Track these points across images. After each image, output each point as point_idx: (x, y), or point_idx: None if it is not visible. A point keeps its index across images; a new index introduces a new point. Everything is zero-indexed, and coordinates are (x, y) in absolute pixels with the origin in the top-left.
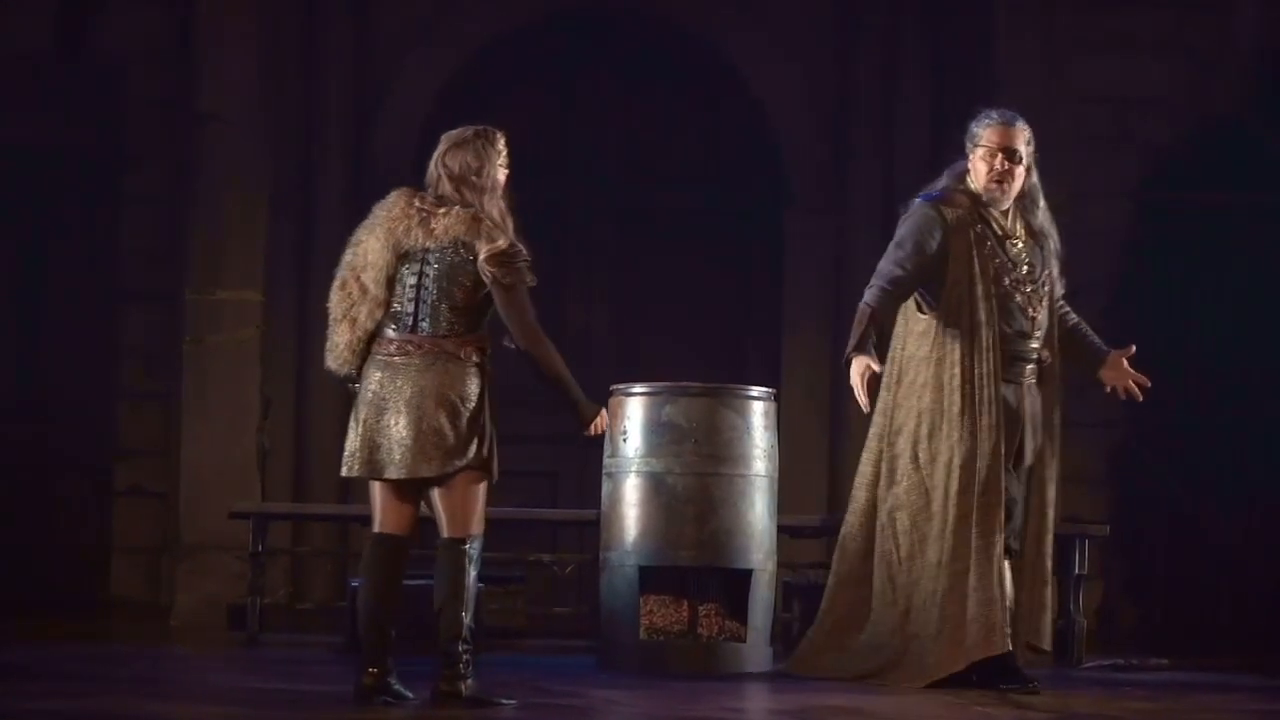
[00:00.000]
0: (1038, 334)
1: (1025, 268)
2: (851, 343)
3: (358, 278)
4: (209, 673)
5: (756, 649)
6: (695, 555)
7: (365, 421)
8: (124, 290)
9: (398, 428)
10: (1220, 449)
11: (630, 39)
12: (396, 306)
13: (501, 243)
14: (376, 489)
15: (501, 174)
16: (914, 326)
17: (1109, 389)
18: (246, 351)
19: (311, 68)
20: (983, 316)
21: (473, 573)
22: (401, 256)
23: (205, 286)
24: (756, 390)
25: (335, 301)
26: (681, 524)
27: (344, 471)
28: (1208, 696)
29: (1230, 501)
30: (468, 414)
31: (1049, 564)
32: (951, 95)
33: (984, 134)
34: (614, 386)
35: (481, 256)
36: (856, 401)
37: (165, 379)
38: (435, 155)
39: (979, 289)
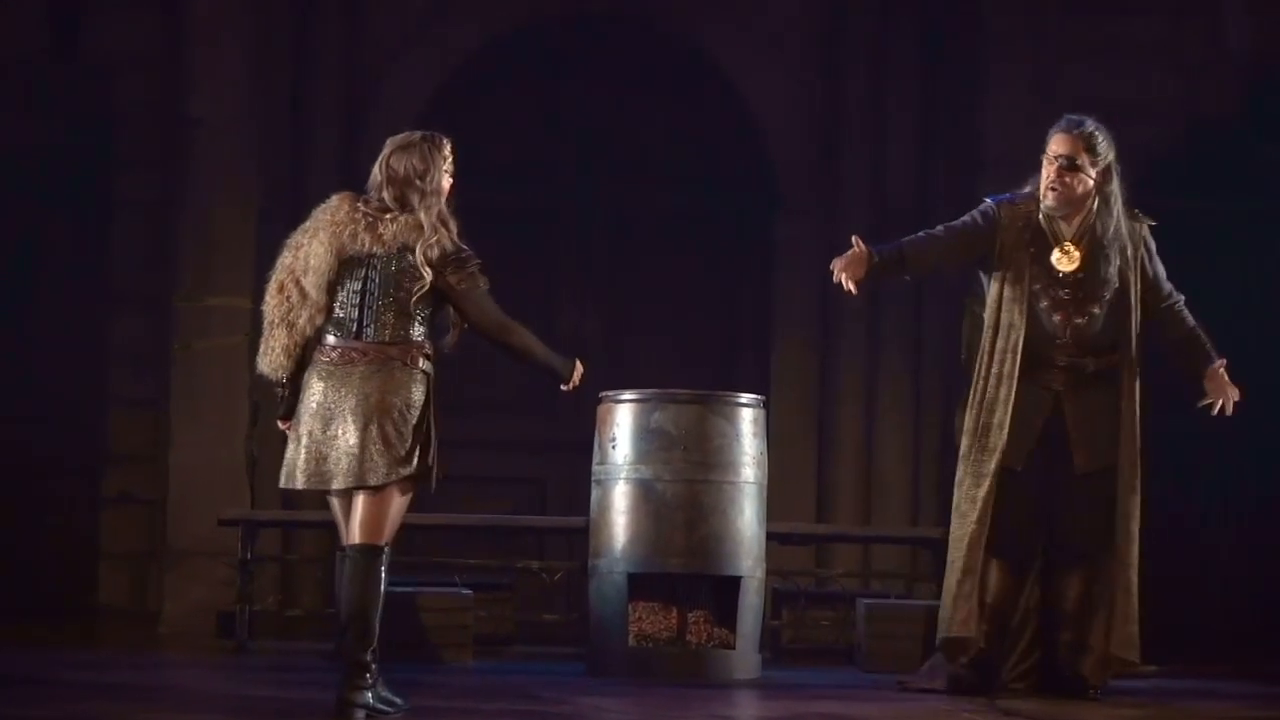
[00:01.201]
0: (1072, 341)
1: (1069, 276)
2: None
3: (297, 281)
4: (197, 680)
5: (745, 656)
6: (684, 562)
7: (311, 433)
8: (113, 295)
9: (345, 437)
10: (1211, 454)
11: (619, 44)
12: (339, 312)
13: (449, 248)
14: (334, 503)
15: (447, 180)
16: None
17: (1210, 402)
18: (236, 358)
19: (301, 73)
20: (1014, 319)
21: (384, 582)
22: (346, 262)
23: (195, 292)
24: (746, 397)
25: (272, 305)
26: (670, 531)
27: (283, 484)
28: (1195, 703)
29: (1218, 507)
30: (412, 421)
31: (1131, 575)
32: (941, 99)
33: (1048, 141)
34: (603, 393)
35: (429, 263)
36: (846, 409)
37: (154, 385)
38: (380, 158)
39: (1012, 291)
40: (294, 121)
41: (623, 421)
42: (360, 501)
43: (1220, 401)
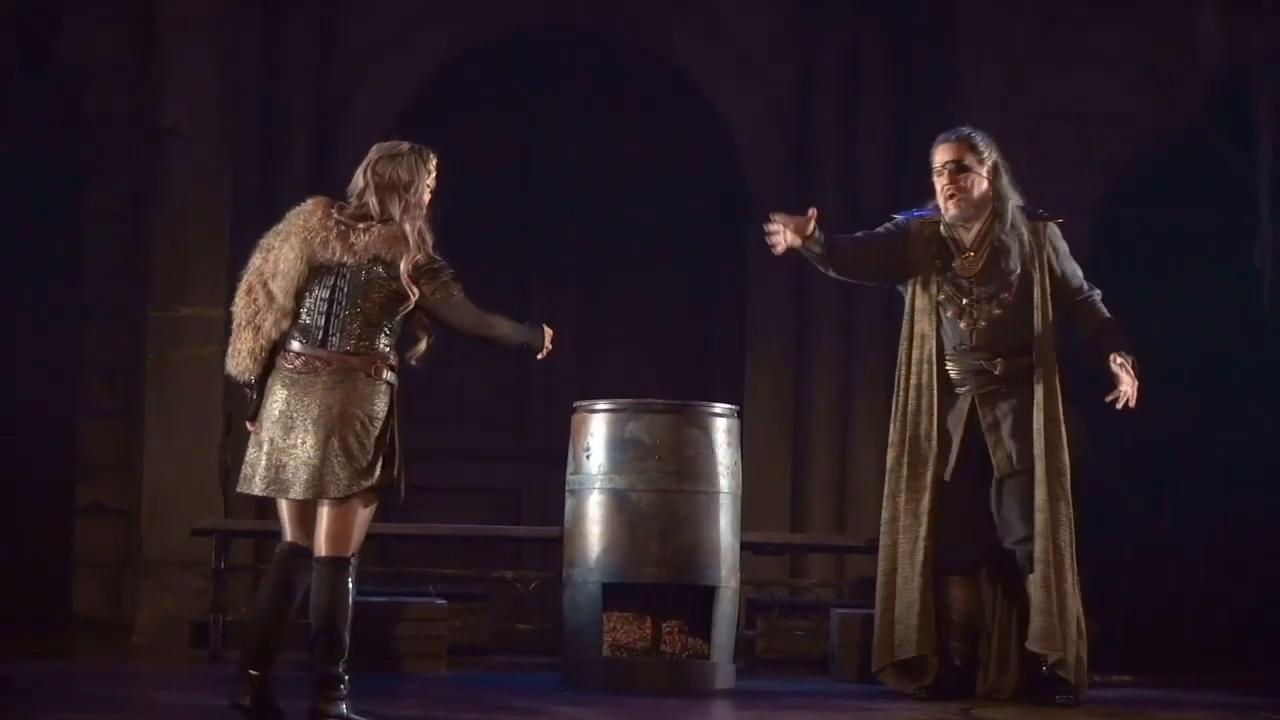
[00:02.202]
0: (979, 345)
1: (967, 282)
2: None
3: (265, 284)
4: (171, 690)
5: (720, 666)
6: (659, 572)
7: (272, 439)
8: (86, 306)
9: (304, 447)
10: (1182, 465)
11: (593, 56)
12: (305, 319)
13: (422, 258)
14: (283, 504)
15: (427, 195)
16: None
17: (1114, 396)
18: (209, 368)
19: (274, 83)
20: (926, 329)
21: (352, 594)
22: (315, 269)
23: (168, 303)
24: (720, 407)
25: (240, 307)
26: (645, 541)
27: (241, 487)
28: (1169, 713)
29: (1193, 517)
30: (375, 433)
31: (1049, 571)
32: (913, 112)
33: (933, 155)
34: (577, 403)
35: (405, 274)
36: (820, 419)
37: (127, 395)
38: (365, 163)
39: (922, 301)
40: (266, 132)
41: (597, 431)
42: (325, 514)
43: (1122, 393)
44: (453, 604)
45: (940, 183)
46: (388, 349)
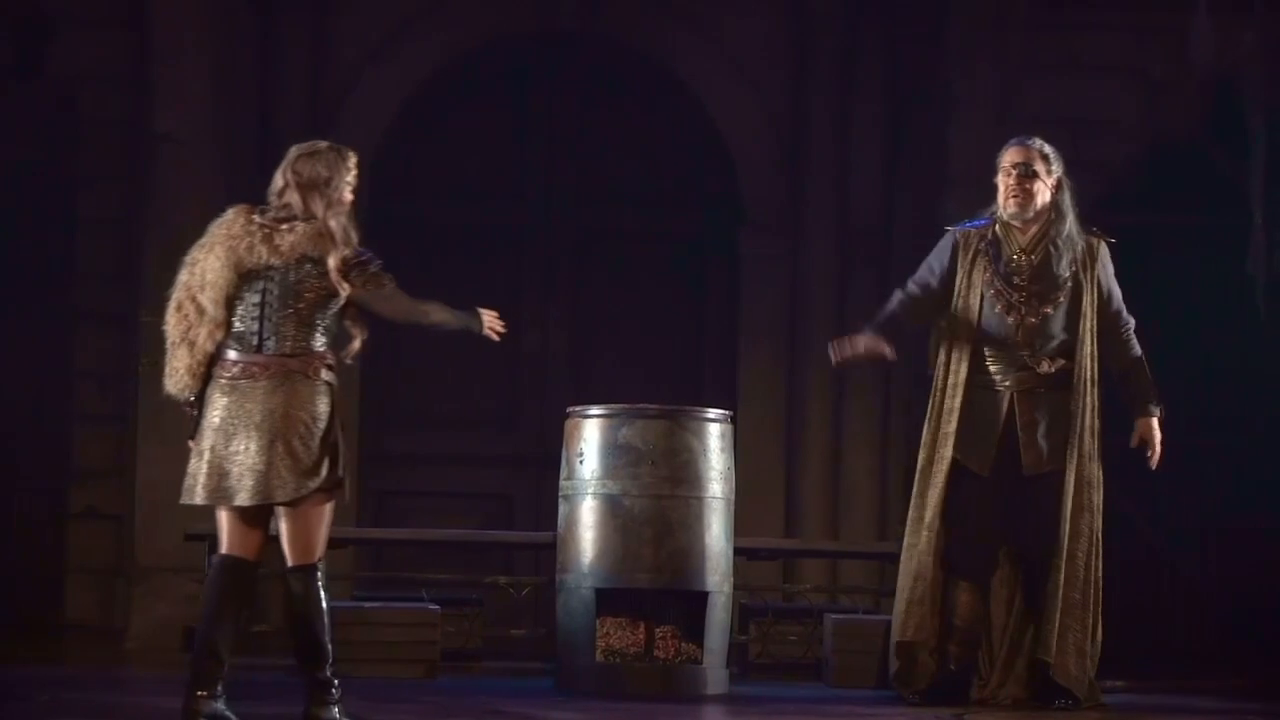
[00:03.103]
0: (1024, 341)
1: (1018, 278)
2: (876, 321)
3: (194, 298)
4: (164, 696)
5: (713, 671)
6: (652, 577)
7: (214, 449)
8: (79, 311)
9: (248, 453)
10: (1175, 471)
11: (585, 62)
12: (239, 326)
13: (349, 253)
14: (223, 514)
15: (349, 192)
16: None
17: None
18: None
19: (266, 89)
20: (964, 329)
21: (326, 599)
22: (243, 275)
23: (161, 308)
24: (713, 412)
25: (172, 324)
26: (638, 546)
27: (184, 499)
28: (1163, 718)
29: (1185, 523)
30: (319, 434)
31: (1057, 578)
32: (906, 117)
33: (1001, 156)
34: (570, 408)
35: (334, 270)
36: (813, 425)
37: (120, 401)
38: (283, 163)
39: (965, 302)
40: (259, 137)
41: (590, 437)
42: (284, 524)
43: (1151, 458)
44: (446, 609)
45: (1006, 182)
46: (324, 348)
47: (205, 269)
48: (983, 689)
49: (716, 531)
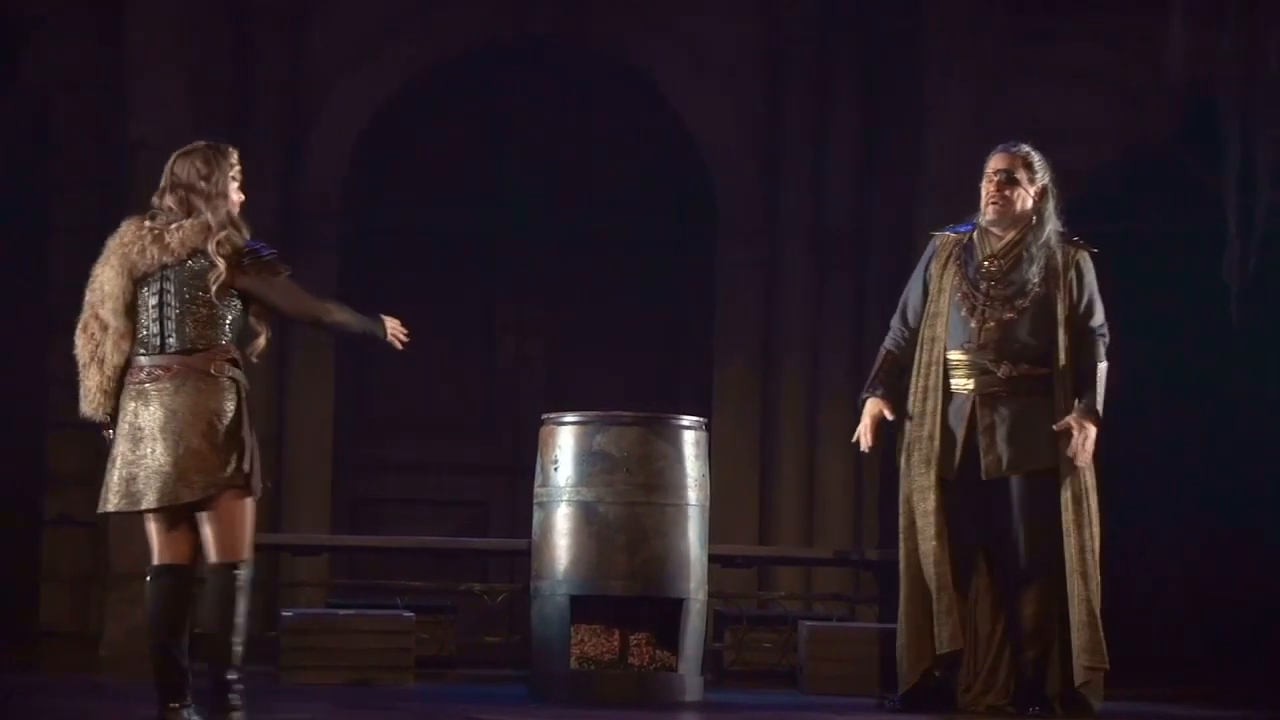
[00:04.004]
0: (986, 345)
1: (986, 284)
2: (866, 382)
3: (96, 315)
4: (138, 703)
5: (687, 678)
6: (626, 585)
7: (123, 454)
8: (52, 318)
9: (154, 455)
10: (1152, 480)
11: (562, 68)
12: (142, 332)
13: (241, 243)
14: (150, 521)
15: (234, 189)
16: None
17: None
18: None
19: (242, 95)
20: (938, 332)
21: (243, 601)
22: (139, 280)
23: None
24: (688, 419)
25: (80, 346)
26: (613, 553)
27: (99, 508)
28: None
29: (1163, 532)
30: (224, 431)
31: (1076, 582)
32: (882, 125)
33: (987, 162)
34: (545, 415)
35: (223, 256)
36: (788, 432)
37: None
38: (165, 168)
39: (937, 305)
40: (235, 145)
41: (565, 444)
42: (206, 525)
43: (1070, 449)
44: (420, 616)
45: (987, 188)
46: (227, 344)
47: (103, 282)
48: (965, 695)
49: (691, 538)
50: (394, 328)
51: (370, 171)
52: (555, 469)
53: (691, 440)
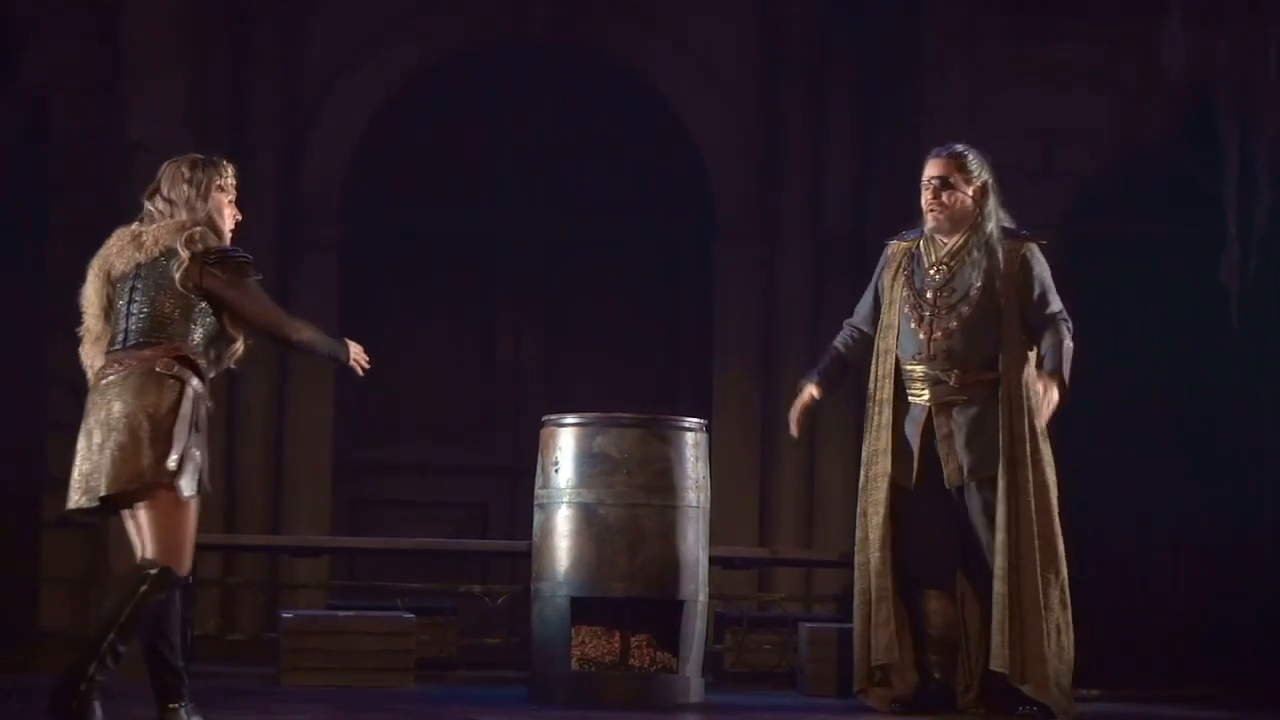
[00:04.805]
0: (935, 355)
1: (932, 293)
2: (807, 373)
3: (87, 326)
4: (138, 704)
5: (688, 680)
6: (627, 586)
7: (80, 450)
8: (51, 319)
9: (90, 450)
10: (1149, 482)
11: (559, 70)
12: (114, 330)
13: (213, 243)
14: (125, 520)
15: (224, 200)
16: None
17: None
18: None
19: (240, 97)
20: (890, 343)
21: (129, 607)
22: (116, 282)
23: None
24: (688, 421)
25: (83, 361)
26: (613, 555)
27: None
28: None
29: (1160, 534)
30: (154, 427)
31: (1001, 588)
32: (879, 126)
33: (925, 168)
34: (546, 417)
35: (188, 252)
36: (788, 434)
37: None
38: (159, 172)
39: (888, 317)
40: (233, 147)
41: (565, 445)
42: (133, 519)
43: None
44: (420, 618)
45: (925, 196)
46: (181, 344)
47: (86, 290)
48: (964, 696)
49: (691, 540)
50: (356, 353)
51: (369, 173)
52: (556, 470)
53: (692, 442)
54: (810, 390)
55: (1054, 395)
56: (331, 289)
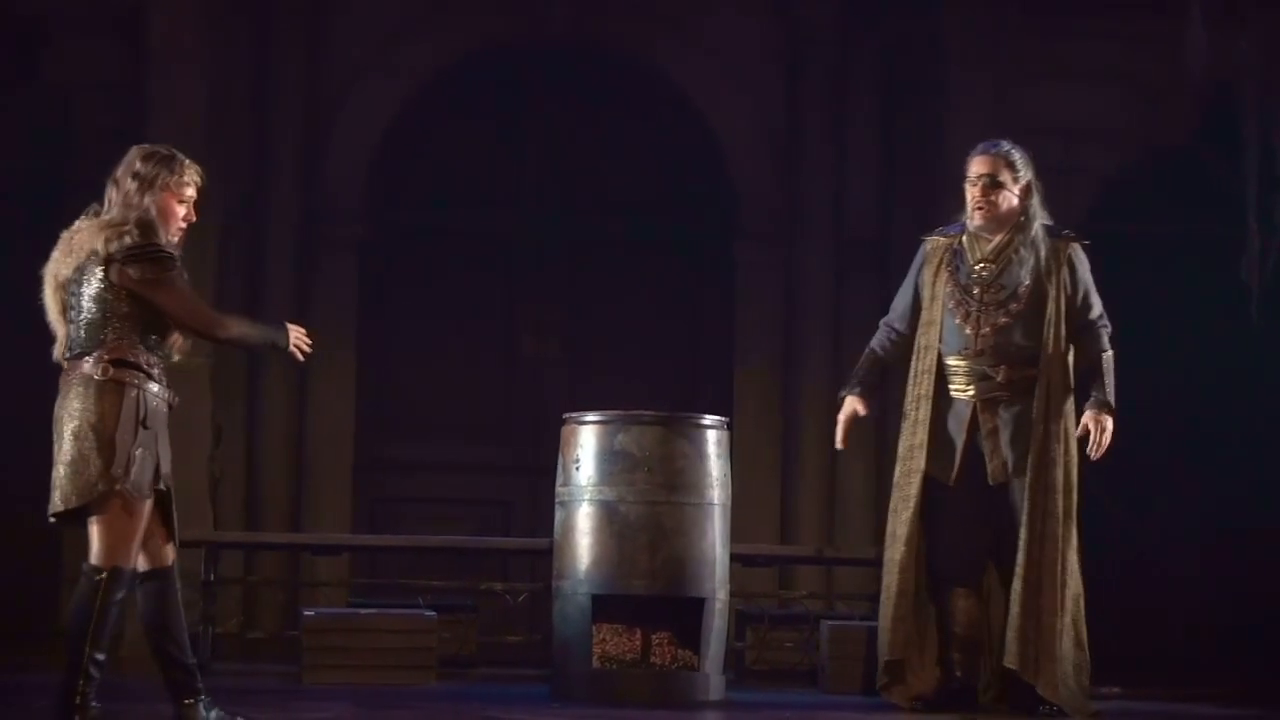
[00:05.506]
0: (982, 351)
1: (979, 289)
2: (847, 382)
3: (55, 332)
4: (159, 703)
5: (709, 677)
6: (648, 584)
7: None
8: None
9: (55, 465)
10: (1170, 479)
11: (581, 69)
12: (66, 338)
13: (131, 242)
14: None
15: (170, 196)
16: None
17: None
18: (198, 380)
19: (261, 97)
20: (931, 340)
21: (93, 617)
22: (65, 287)
23: None
24: (709, 419)
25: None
26: (634, 552)
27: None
28: None
29: (1181, 531)
30: (97, 438)
31: (1022, 586)
32: (901, 126)
33: (968, 165)
34: (567, 415)
35: (109, 255)
36: (809, 432)
37: None
38: None
39: (929, 313)
40: (255, 146)
41: (586, 443)
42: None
43: (1090, 449)
44: (442, 616)
45: (972, 193)
46: (115, 344)
47: (45, 298)
48: (985, 694)
49: (712, 538)
50: (297, 337)
51: (390, 173)
52: (577, 468)
53: (713, 440)
54: (855, 406)
55: (1107, 436)
56: (352, 288)
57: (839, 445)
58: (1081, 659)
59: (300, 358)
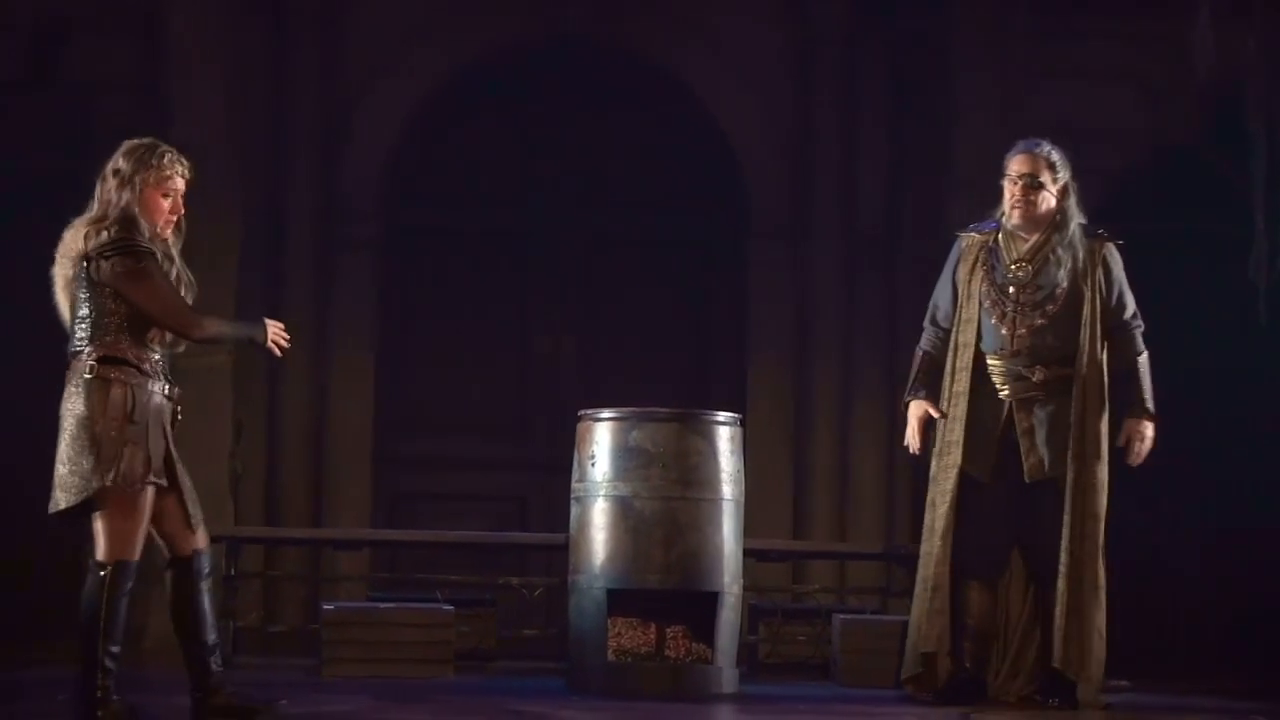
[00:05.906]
0: (1019, 351)
1: (1015, 289)
2: (907, 386)
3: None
4: (182, 695)
5: (723, 671)
6: (662, 578)
7: None
8: None
9: (56, 461)
10: (1177, 477)
11: (595, 69)
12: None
13: (107, 238)
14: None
15: (155, 191)
16: None
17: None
18: (219, 377)
19: (280, 97)
20: (968, 337)
21: (102, 612)
22: (70, 288)
23: None
24: (723, 415)
25: None
26: (649, 547)
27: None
28: (1167, 717)
29: (1187, 528)
30: (90, 437)
31: (1065, 585)
32: (910, 124)
33: (1007, 162)
34: (582, 412)
35: (86, 254)
36: (821, 428)
37: None
38: None
39: (967, 311)
40: (273, 145)
41: (601, 439)
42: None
43: (1131, 457)
44: (460, 610)
45: (1012, 191)
46: (112, 340)
47: (57, 298)
48: (995, 681)
49: (726, 533)
50: (274, 332)
51: (405, 172)
52: (592, 464)
53: (726, 436)
54: (925, 409)
55: (1148, 444)
56: (369, 288)
57: (914, 451)
58: (1103, 654)
59: (278, 353)
